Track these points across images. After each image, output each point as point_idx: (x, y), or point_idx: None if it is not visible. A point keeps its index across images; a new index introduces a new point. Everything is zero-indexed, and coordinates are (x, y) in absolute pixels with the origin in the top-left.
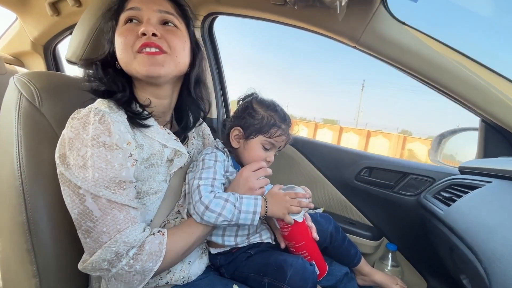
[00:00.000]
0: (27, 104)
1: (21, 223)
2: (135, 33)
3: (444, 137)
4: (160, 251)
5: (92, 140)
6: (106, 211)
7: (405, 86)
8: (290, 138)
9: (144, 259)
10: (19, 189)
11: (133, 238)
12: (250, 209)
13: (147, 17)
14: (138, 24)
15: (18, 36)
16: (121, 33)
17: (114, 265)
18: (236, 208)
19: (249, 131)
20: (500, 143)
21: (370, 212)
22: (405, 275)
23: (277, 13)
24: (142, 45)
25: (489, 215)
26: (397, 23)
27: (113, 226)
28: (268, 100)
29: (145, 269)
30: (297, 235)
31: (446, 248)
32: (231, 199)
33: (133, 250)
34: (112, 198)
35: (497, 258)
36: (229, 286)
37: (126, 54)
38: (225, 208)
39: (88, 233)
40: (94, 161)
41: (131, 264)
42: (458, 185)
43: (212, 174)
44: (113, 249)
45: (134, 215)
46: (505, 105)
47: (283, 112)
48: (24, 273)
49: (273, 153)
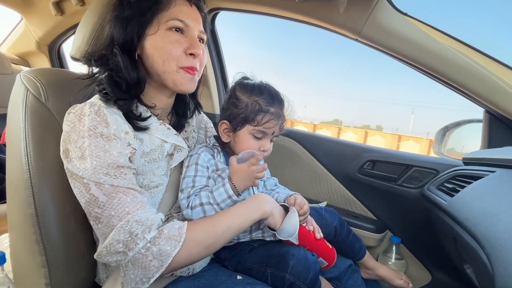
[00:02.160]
0: (33, 99)
1: (30, 215)
2: (182, 47)
3: (448, 129)
4: (180, 236)
5: (89, 131)
6: (111, 195)
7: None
8: (284, 121)
9: (163, 243)
10: (27, 182)
11: (145, 217)
12: (224, 197)
13: (194, 35)
14: (182, 36)
15: (23, 36)
16: (169, 42)
17: (130, 248)
18: (213, 205)
19: (235, 123)
20: (504, 133)
21: (373, 205)
22: (409, 268)
23: (278, 7)
24: (189, 68)
25: (492, 203)
26: (399, 14)
27: (122, 209)
28: (253, 83)
29: (163, 253)
30: (300, 244)
31: (449, 238)
32: (204, 201)
33: (151, 234)
34: (115, 183)
35: (499, 244)
36: (233, 277)
37: (169, 66)
38: (206, 212)
39: (98, 219)
40: (92, 150)
41: (148, 247)
42: (462, 176)
43: (191, 182)
44: (125, 228)
45: (142, 200)
46: (510, 95)
47: (271, 93)
48: (34, 263)
49: (268, 141)
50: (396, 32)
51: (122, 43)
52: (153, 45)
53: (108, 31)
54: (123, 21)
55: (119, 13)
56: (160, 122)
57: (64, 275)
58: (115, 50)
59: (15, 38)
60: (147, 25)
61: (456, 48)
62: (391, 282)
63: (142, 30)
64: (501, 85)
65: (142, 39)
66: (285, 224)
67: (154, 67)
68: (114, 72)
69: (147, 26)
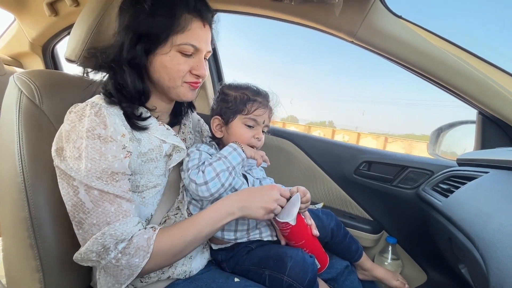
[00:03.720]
0: (27, 101)
1: (24, 219)
2: (188, 67)
3: (442, 130)
4: (148, 247)
5: (87, 132)
6: (98, 203)
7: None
8: (272, 112)
9: (132, 253)
10: (21, 185)
11: (120, 231)
12: (229, 150)
13: (201, 58)
14: (191, 57)
15: (16, 37)
16: (177, 63)
17: (102, 257)
18: (222, 159)
19: (227, 116)
20: (497, 134)
21: (369, 206)
22: (405, 268)
23: (274, 9)
24: (192, 82)
25: (486, 203)
26: (393, 17)
27: (103, 219)
28: (238, 82)
29: (132, 265)
30: (297, 235)
31: (444, 239)
32: (212, 160)
33: (122, 244)
34: (105, 188)
35: (493, 243)
36: (231, 279)
37: (174, 82)
38: (215, 167)
39: (80, 224)
40: (88, 152)
41: (118, 258)
42: (456, 176)
43: (197, 160)
44: (99, 241)
45: (127, 208)
46: (502, 96)
47: (256, 87)
48: (28, 268)
49: (260, 130)
50: (391, 34)
51: (131, 58)
52: (162, 64)
53: (117, 37)
54: (136, 36)
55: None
56: (160, 123)
57: (58, 280)
58: (124, 68)
59: (8, 38)
60: (160, 44)
61: (450, 50)
62: (387, 283)
63: (154, 48)
64: (494, 87)
65: (151, 54)
66: (286, 208)
67: (160, 82)
68: (120, 85)
69: (159, 45)
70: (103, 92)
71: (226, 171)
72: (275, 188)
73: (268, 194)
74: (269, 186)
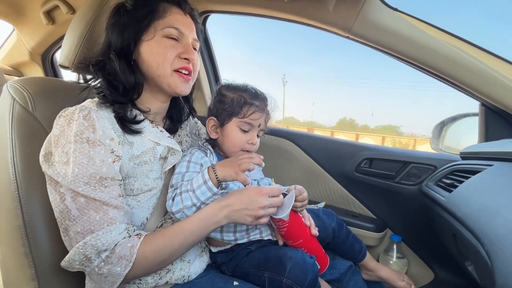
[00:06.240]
0: (20, 109)
1: (18, 227)
2: (176, 52)
3: (444, 124)
4: (131, 255)
5: (75, 136)
6: (83, 211)
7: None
8: (269, 115)
9: (114, 262)
10: (15, 193)
11: (102, 241)
12: (200, 182)
13: (188, 42)
14: (177, 43)
15: (16, 47)
16: (164, 47)
17: (86, 265)
18: (189, 191)
19: (222, 117)
20: (501, 126)
21: (372, 204)
22: (411, 266)
23: (268, 8)
24: (182, 68)
25: (490, 197)
26: (389, 9)
27: (88, 227)
28: (236, 83)
29: (113, 273)
30: (294, 234)
31: (449, 235)
32: (183, 189)
33: (105, 253)
34: (91, 195)
35: (498, 240)
36: (230, 283)
37: (163, 69)
38: (183, 200)
39: (66, 231)
40: (76, 156)
41: (101, 267)
42: (459, 170)
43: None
44: (81, 251)
45: (113, 216)
46: (505, 86)
47: (255, 89)
48: (23, 277)
49: (255, 134)
50: (387, 27)
51: (119, 49)
52: (149, 50)
53: (105, 37)
54: (120, 27)
55: (116, 20)
56: (153, 125)
57: (55, 287)
58: (111, 56)
59: (8, 48)
60: (143, 31)
61: (449, 41)
62: (393, 283)
63: (139, 36)
64: (496, 77)
65: (138, 45)
66: (281, 206)
67: (149, 71)
68: (111, 76)
69: (143, 32)
70: (96, 93)
71: (193, 207)
72: (263, 193)
73: (255, 201)
74: (258, 191)
